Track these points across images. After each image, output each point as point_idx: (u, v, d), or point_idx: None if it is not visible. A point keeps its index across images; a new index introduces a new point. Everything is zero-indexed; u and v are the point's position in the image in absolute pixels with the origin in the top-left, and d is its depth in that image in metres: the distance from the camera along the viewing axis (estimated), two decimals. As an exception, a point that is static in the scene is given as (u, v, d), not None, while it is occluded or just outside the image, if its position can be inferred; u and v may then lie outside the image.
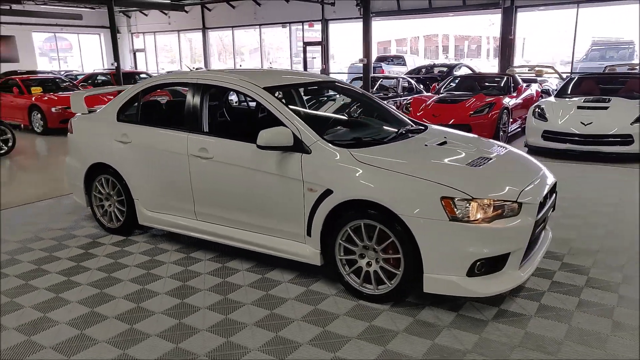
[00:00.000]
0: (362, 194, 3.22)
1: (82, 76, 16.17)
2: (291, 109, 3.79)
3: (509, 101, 9.56)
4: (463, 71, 16.06)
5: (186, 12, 25.84)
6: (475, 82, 10.98)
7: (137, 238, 4.59)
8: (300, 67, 23.08)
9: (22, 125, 11.26)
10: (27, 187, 6.68)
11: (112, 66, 14.74)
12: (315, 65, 22.66)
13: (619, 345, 2.82)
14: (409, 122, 4.53)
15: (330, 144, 3.48)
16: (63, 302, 3.41)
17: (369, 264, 3.33)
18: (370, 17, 9.96)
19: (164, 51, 29.01)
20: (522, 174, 3.50)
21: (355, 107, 5.29)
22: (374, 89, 11.66)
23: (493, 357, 2.73)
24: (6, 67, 21.75)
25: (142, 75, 15.78)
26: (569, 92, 9.23)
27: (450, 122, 8.86)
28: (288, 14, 22.66)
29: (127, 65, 28.97)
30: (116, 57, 13.73)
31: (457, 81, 11.21)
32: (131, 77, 15.68)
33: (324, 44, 22.14)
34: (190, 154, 3.99)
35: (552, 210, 3.92)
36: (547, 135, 8.08)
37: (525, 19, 18.44)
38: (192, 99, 4.12)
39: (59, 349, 2.85)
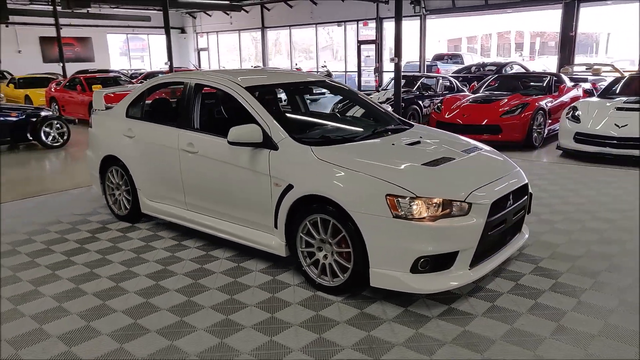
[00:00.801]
0: (316, 189, 3.38)
1: (142, 74, 17.22)
2: (268, 108, 4.00)
3: (547, 101, 9.23)
4: (516, 70, 15.55)
5: (246, 12, 26.69)
6: (517, 81, 10.67)
7: (142, 225, 4.99)
8: (354, 66, 23.17)
9: (76, 120, 12.24)
10: (69, 176, 7.34)
11: (166, 65, 15.56)
12: (369, 64, 22.66)
13: (552, 348, 2.80)
14: (396, 120, 4.62)
15: (295, 142, 3.66)
16: (56, 278, 3.83)
17: (325, 257, 3.48)
18: (402, 16, 9.92)
19: (232, 50, 29.95)
20: (481, 175, 3.50)
21: (342, 105, 5.42)
22: (414, 89, 11.61)
23: (419, 351, 2.81)
24: (83, 66, 23.47)
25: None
26: (616, 92, 8.79)
27: (480, 123, 8.72)
28: (343, 13, 22.84)
29: (191, 64, 30.32)
30: (169, 56, 14.53)
31: (499, 80, 10.93)
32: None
33: (378, 42, 22.10)
34: (180, 148, 4.31)
35: (527, 213, 3.88)
36: (579, 137, 7.76)
37: (608, 13, 17.40)
38: (185, 98, 4.43)
39: (38, 319, 3.23)
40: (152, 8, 25.56)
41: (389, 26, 22.33)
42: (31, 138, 9.67)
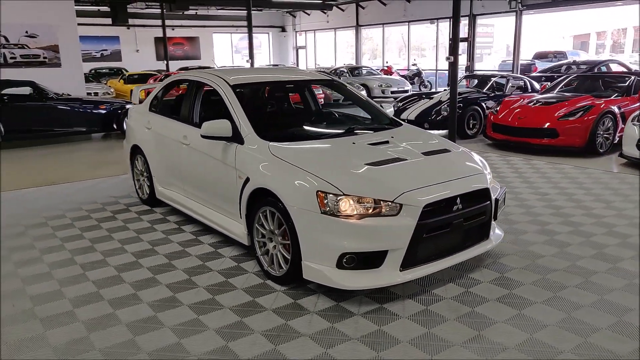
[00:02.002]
0: (264, 183, 3.58)
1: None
2: (247, 105, 4.25)
3: (621, 104, 8.42)
4: (615, 69, 14.18)
5: (342, 10, 27.08)
6: (597, 82, 9.83)
7: (158, 209, 5.50)
8: (445, 64, 22.52)
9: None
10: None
11: (247, 63, 16.41)
12: (461, 62, 21.90)
13: (454, 355, 2.74)
14: (387, 119, 4.65)
15: (258, 137, 3.87)
16: (61, 248, 4.42)
17: (274, 247, 3.67)
18: (460, 15, 9.58)
19: (328, 48, 30.54)
20: (427, 176, 3.45)
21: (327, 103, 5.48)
22: (486, 88, 11.15)
23: (320, 343, 2.90)
24: (190, 64, 25.43)
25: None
26: None
27: (535, 126, 8.21)
28: (436, 10, 22.32)
29: (289, 62, 31.44)
30: (251, 55, 15.35)
31: (577, 80, 10.14)
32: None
33: (470, 40, 21.29)
34: (179, 140, 4.72)
35: (494, 219, 3.74)
36: (643, 144, 7.02)
37: None
38: (187, 94, 4.84)
39: (26, 280, 3.81)
40: (254, 8, 26.88)
41: (482, 23, 21.43)
42: (116, 128, 10.83)
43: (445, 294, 3.47)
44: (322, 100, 15.37)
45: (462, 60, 22.05)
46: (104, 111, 10.76)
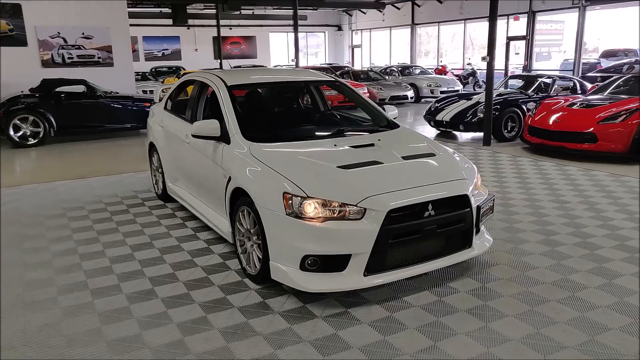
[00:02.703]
0: (241, 183, 3.64)
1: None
2: (240, 105, 4.35)
3: (671, 108, 7.80)
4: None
5: (397, 8, 26.76)
6: (652, 83, 9.15)
7: (170, 204, 5.72)
8: (501, 64, 21.73)
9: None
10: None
11: (292, 62, 16.58)
12: (517, 62, 21.05)
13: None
14: (385, 121, 4.60)
15: (243, 138, 3.94)
16: (68, 238, 4.70)
17: (251, 246, 3.72)
18: (497, 13, 9.23)
19: (383, 46, 30.33)
20: (399, 181, 3.38)
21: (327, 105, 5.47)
22: (531, 90, 10.68)
23: (271, 343, 2.93)
24: (246, 62, 26.08)
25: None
26: None
27: (572, 130, 7.77)
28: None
29: (344, 60, 31.45)
30: (296, 53, 15.53)
31: (631, 81, 9.49)
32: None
33: (528, 38, 20.41)
34: (182, 138, 4.88)
35: (475, 227, 3.61)
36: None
37: None
38: (192, 93, 4.99)
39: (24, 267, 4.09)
40: (308, 8, 27.12)
41: (549, 19, 20.48)
42: (159, 125, 11.30)
43: (416, 301, 3.39)
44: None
45: (520, 59, 21.22)
46: (148, 108, 11.26)
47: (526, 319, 3.13)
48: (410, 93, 16.80)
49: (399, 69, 20.01)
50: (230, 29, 28.31)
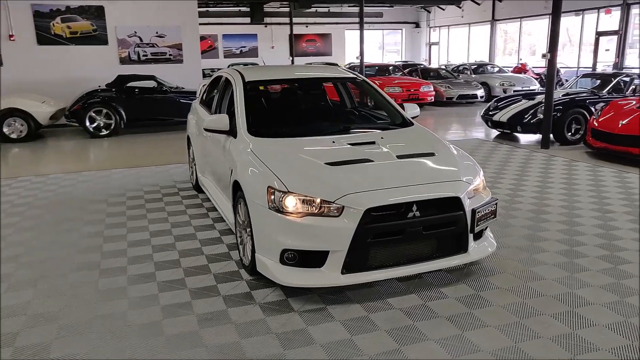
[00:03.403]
0: (237, 176, 3.74)
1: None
2: (253, 101, 4.47)
3: None
4: None
5: (478, 4, 25.77)
6: None
7: (202, 195, 5.97)
8: (589, 61, 20.27)
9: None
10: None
11: (357, 60, 16.52)
12: (608, 59, 19.50)
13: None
14: (400, 118, 4.52)
15: (248, 133, 4.04)
16: (100, 222, 5.07)
17: (247, 238, 3.81)
18: (561, 8, 8.61)
19: (462, 44, 29.38)
20: (386, 180, 3.32)
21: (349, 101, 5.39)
22: (607, 89, 9.91)
23: (241, 334, 2.99)
24: (316, 60, 26.37)
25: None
26: None
27: (636, 134, 7.11)
28: (582, 1, 20.11)
29: (421, 58, 30.82)
30: (361, 51, 15.46)
31: None
32: (385, 68, 17.28)
33: (621, 32, 18.85)
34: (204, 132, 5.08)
35: (470, 232, 3.45)
36: None
37: None
38: (219, 89, 5.17)
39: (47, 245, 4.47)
40: (385, 5, 26.84)
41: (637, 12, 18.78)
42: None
43: (398, 304, 3.31)
44: (433, 96, 14.95)
45: (610, 56, 19.67)
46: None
47: (507, 331, 2.96)
48: (480, 92, 16.14)
49: (473, 67, 19.28)
50: (307, 26, 28.70)
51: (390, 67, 17.90)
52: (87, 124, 10.53)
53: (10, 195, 6.15)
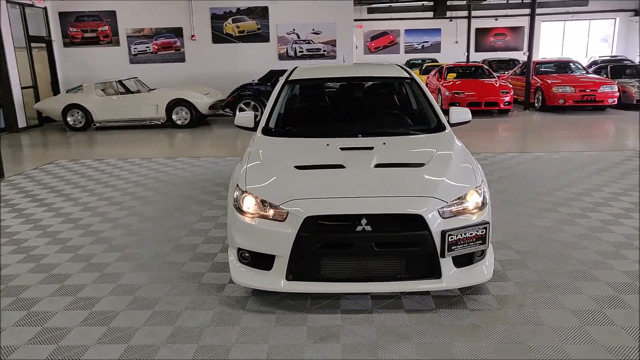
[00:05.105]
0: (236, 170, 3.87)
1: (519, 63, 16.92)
2: (288, 98, 4.56)
3: None
4: None
5: None
6: None
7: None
8: None
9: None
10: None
11: (524, 55, 14.87)
12: None
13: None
14: (435, 124, 4.14)
15: (261, 130, 4.14)
16: (144, 209, 5.71)
17: (243, 232, 3.93)
18: None
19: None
20: (345, 189, 3.12)
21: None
22: None
23: (171, 320, 3.15)
24: (507, 55, 24.54)
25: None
26: None
27: None
28: None
29: (637, 53, 26.29)
30: (530, 43, 13.93)
31: None
32: (565, 65, 15.28)
33: None
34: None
35: (441, 256, 3.03)
36: None
37: None
38: None
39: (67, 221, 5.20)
40: (591, -8, 23.57)
41: None
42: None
43: (344, 322, 3.07)
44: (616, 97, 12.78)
45: None
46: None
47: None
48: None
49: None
50: (496, 19, 26.86)
51: (572, 64, 15.74)
52: (238, 113, 11.72)
53: (156, 172, 7.28)
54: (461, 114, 4.29)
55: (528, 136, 10.36)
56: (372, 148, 3.60)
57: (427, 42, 27.17)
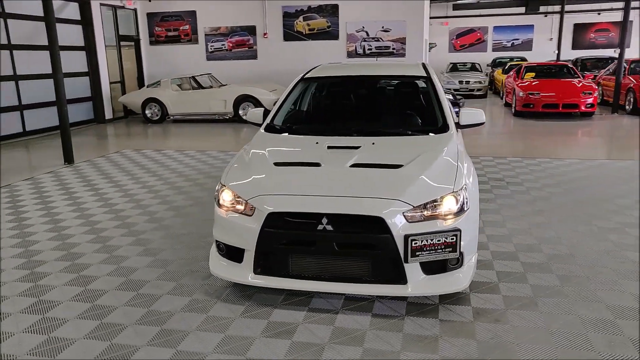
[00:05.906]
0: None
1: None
2: (300, 97, 4.63)
3: None
4: None
5: None
6: None
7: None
8: None
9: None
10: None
11: (615, 53, 13.53)
12: None
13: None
14: (440, 124, 4.01)
15: (264, 126, 4.22)
16: (138, 199, 5.98)
17: (237, 225, 4.04)
18: None
19: None
20: (311, 187, 3.12)
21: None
22: None
23: (144, 303, 3.32)
24: (605, 52, 22.61)
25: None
26: None
27: None
28: None
29: None
30: (622, 41, 12.69)
31: None
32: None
33: None
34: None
35: (405, 261, 2.93)
36: None
37: None
38: None
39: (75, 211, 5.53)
40: None
41: None
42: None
43: (305, 319, 3.06)
44: None
45: None
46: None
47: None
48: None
49: None
50: (599, 13, 24.81)
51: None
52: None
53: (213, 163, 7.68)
54: (473, 115, 4.07)
55: (606, 142, 9.49)
56: (357, 147, 3.54)
57: (518, 39, 25.71)
